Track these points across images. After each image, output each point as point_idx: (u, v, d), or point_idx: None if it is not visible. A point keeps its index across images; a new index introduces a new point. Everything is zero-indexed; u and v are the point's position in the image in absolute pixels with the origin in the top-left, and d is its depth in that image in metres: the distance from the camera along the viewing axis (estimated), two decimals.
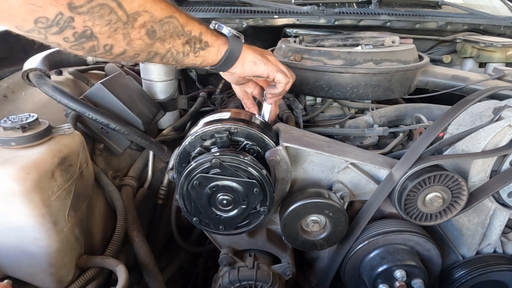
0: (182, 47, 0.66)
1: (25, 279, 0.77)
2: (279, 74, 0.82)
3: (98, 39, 0.55)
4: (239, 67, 0.76)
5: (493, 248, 0.89)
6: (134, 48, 0.59)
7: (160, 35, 0.61)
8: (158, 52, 0.63)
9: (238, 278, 0.86)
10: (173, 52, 0.65)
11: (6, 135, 0.73)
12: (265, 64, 0.79)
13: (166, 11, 0.61)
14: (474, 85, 1.14)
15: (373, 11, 1.64)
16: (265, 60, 0.80)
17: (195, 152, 0.80)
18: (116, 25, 0.55)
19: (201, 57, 0.70)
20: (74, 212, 0.81)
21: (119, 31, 0.56)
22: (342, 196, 0.82)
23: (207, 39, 0.69)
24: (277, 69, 0.82)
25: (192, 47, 0.67)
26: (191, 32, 0.66)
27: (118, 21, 0.55)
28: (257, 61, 0.78)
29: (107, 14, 0.54)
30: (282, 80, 0.83)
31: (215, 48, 0.71)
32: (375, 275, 0.83)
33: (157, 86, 1.27)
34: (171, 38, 0.63)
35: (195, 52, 0.68)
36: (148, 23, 0.59)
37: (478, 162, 0.80)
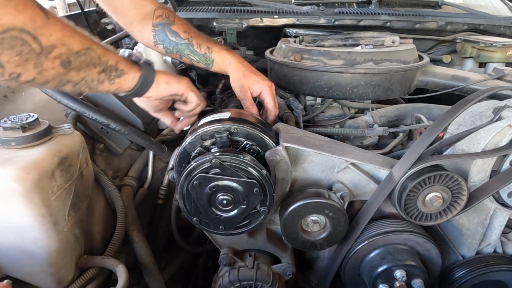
0: (97, 75, 0.67)
1: (25, 279, 0.77)
2: (192, 94, 0.86)
3: (4, 67, 0.53)
4: (154, 89, 0.79)
5: (493, 248, 0.89)
6: (45, 77, 0.58)
7: (76, 65, 0.61)
8: (71, 80, 0.63)
9: (238, 278, 0.86)
10: (87, 80, 0.65)
11: (6, 135, 0.73)
12: (178, 83, 0.83)
13: (84, 44, 0.62)
14: (474, 85, 1.14)
15: (373, 11, 1.64)
16: (178, 80, 0.84)
17: (195, 152, 0.80)
18: (28, 56, 0.54)
19: (117, 84, 0.71)
20: (74, 212, 0.81)
21: (30, 61, 0.55)
22: (342, 196, 0.82)
23: (123, 67, 0.71)
24: (191, 88, 0.86)
25: (108, 75, 0.69)
26: (107, 62, 0.68)
27: (31, 52, 0.54)
28: (170, 81, 0.81)
29: (19, 45, 0.52)
30: (194, 100, 0.87)
31: (130, 75, 0.74)
32: (375, 275, 0.83)
33: None
34: (86, 67, 0.64)
35: (111, 80, 0.70)
36: (64, 54, 0.59)
37: (478, 162, 0.80)
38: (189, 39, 0.97)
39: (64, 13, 2.85)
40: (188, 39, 0.97)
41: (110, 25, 1.76)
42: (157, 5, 0.98)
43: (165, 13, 0.97)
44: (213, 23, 1.54)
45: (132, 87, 0.75)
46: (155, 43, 0.99)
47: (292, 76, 1.17)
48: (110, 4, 0.97)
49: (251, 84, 0.95)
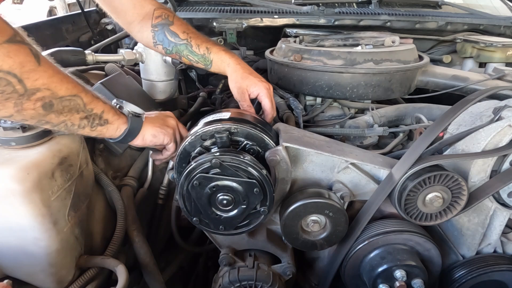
0: (78, 121, 0.67)
1: (25, 279, 0.77)
2: (172, 144, 0.87)
3: None
4: (139, 140, 0.80)
5: (493, 248, 0.89)
6: (23, 115, 0.59)
7: (58, 109, 0.62)
8: (50, 121, 0.63)
9: (238, 278, 0.86)
10: (68, 123, 0.66)
11: (6, 135, 0.73)
12: (164, 135, 0.84)
13: (71, 91, 0.63)
14: (474, 85, 1.14)
15: (373, 11, 1.64)
16: (165, 131, 0.84)
17: (195, 152, 0.80)
18: (10, 95, 0.56)
19: (98, 132, 0.72)
20: (74, 212, 0.81)
21: (10, 100, 0.56)
22: (342, 196, 0.82)
23: (108, 117, 0.72)
24: (171, 138, 0.86)
25: (90, 122, 0.69)
26: (92, 110, 0.68)
27: (13, 93, 0.56)
28: (156, 133, 0.82)
29: (2, 85, 0.54)
30: (171, 149, 0.88)
31: (114, 125, 0.74)
32: (375, 275, 0.83)
33: (157, 86, 1.27)
34: (69, 112, 0.64)
35: (92, 127, 0.70)
36: (47, 97, 0.60)
37: (478, 162, 0.80)
38: (188, 39, 0.97)
39: (64, 13, 2.85)
40: (187, 40, 0.97)
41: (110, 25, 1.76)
42: (157, 5, 0.98)
43: (164, 14, 0.97)
44: (213, 23, 1.54)
45: (116, 137, 0.76)
46: (154, 44, 0.99)
47: (292, 76, 1.17)
48: (109, 5, 0.97)
49: (249, 86, 0.95)
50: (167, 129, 0.85)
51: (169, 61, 1.23)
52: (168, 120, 0.88)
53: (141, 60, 1.23)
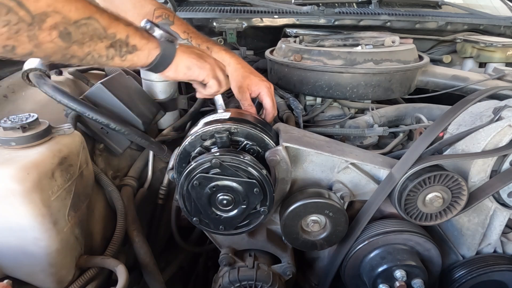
0: (105, 51, 0.60)
1: (25, 279, 0.77)
2: (213, 81, 0.81)
3: None
4: (172, 71, 0.73)
5: (493, 248, 0.89)
6: (43, 50, 0.54)
7: (77, 38, 0.55)
8: (75, 55, 0.57)
9: (238, 278, 0.86)
10: (94, 55, 0.59)
11: (6, 135, 0.73)
12: (200, 69, 0.77)
13: (83, 12, 0.55)
14: (474, 85, 1.14)
15: (373, 11, 1.64)
16: (201, 64, 0.77)
17: (195, 152, 0.80)
18: (18, 26, 0.50)
19: (129, 61, 0.65)
20: (74, 212, 0.81)
21: (22, 33, 0.50)
22: (342, 196, 0.82)
23: (135, 42, 0.64)
24: (212, 74, 0.80)
25: (118, 51, 0.62)
26: (115, 35, 0.60)
27: (20, 22, 0.49)
28: (191, 65, 0.75)
29: (4, 14, 0.48)
30: (213, 87, 0.82)
31: (144, 52, 0.67)
32: (375, 275, 0.83)
33: (157, 86, 1.26)
34: (91, 41, 0.57)
35: (122, 56, 0.63)
36: (60, 24, 0.53)
37: (478, 162, 0.80)
38: (188, 39, 0.97)
39: None
40: (187, 40, 0.97)
41: None
42: (157, 5, 0.98)
43: (164, 13, 0.97)
44: (213, 23, 1.54)
45: (147, 64, 0.69)
46: None
47: (292, 76, 1.17)
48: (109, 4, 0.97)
49: (250, 85, 0.95)
50: (204, 63, 0.77)
51: None
52: (205, 55, 0.81)
53: None
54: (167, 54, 0.70)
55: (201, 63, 0.77)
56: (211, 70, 0.79)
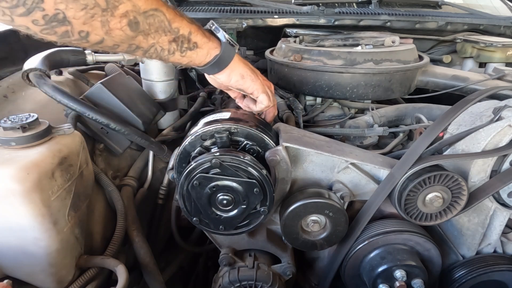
0: (168, 45, 0.62)
1: (25, 279, 0.77)
2: (264, 95, 0.81)
3: (72, 24, 0.51)
4: (225, 75, 0.74)
5: (493, 248, 0.89)
6: (113, 38, 0.55)
7: (144, 28, 0.57)
8: (140, 46, 0.59)
9: (238, 278, 0.86)
10: (157, 48, 0.61)
11: (6, 135, 0.73)
12: (252, 81, 0.78)
13: (151, 3, 0.57)
14: (474, 85, 1.14)
15: (373, 11, 1.64)
16: (254, 77, 0.78)
17: (195, 152, 0.80)
18: (93, 11, 0.51)
19: (188, 58, 0.67)
20: (74, 212, 0.81)
21: (96, 18, 0.52)
22: (342, 196, 0.82)
23: (196, 39, 0.66)
24: (263, 89, 0.81)
25: (179, 46, 0.64)
26: (179, 30, 0.62)
27: (96, 7, 0.51)
28: (245, 75, 0.76)
29: None
30: (264, 102, 0.83)
31: (204, 50, 0.69)
32: (375, 275, 0.83)
33: (157, 86, 1.27)
34: (156, 33, 0.59)
35: (182, 52, 0.65)
36: (130, 12, 0.55)
37: (478, 162, 0.80)
38: None
39: None
40: None
41: None
42: None
43: None
44: None
45: (204, 63, 0.70)
46: None
47: (292, 76, 1.17)
48: None
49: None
50: (256, 77, 0.78)
51: None
52: (257, 71, 0.81)
53: (141, 60, 1.23)
54: (225, 57, 0.71)
55: (254, 76, 0.78)
56: (262, 85, 0.80)
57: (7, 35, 1.14)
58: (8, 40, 1.16)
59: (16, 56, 1.15)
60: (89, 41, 0.55)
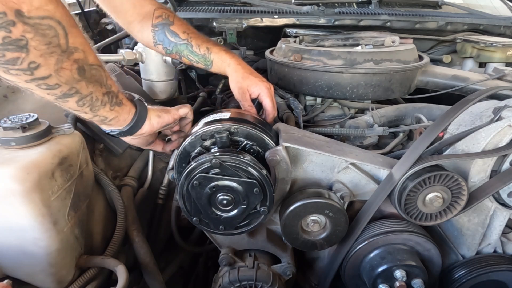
0: (102, 96, 0.67)
1: (25, 279, 0.77)
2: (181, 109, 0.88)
3: (29, 52, 0.53)
4: (147, 125, 0.79)
5: (493, 248, 0.89)
6: (60, 77, 0.58)
7: (88, 76, 0.63)
8: (80, 91, 0.63)
9: (238, 278, 0.86)
10: (93, 97, 0.66)
11: (6, 135, 0.73)
12: (167, 113, 0.84)
13: (97, 60, 0.65)
14: (474, 85, 1.14)
15: (373, 11, 1.64)
16: (166, 110, 0.85)
17: (195, 152, 0.80)
18: (54, 49, 0.55)
19: (115, 112, 0.72)
20: (74, 212, 0.81)
21: (54, 56, 0.56)
22: (342, 196, 0.82)
23: (122, 97, 0.73)
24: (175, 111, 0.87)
25: (110, 99, 0.69)
26: (111, 86, 0.69)
27: (57, 47, 0.55)
28: (160, 114, 0.82)
29: (51, 36, 0.54)
30: (186, 110, 0.89)
31: (127, 107, 0.74)
32: (375, 275, 0.83)
33: (157, 86, 1.27)
34: (96, 82, 0.65)
35: (112, 105, 0.70)
36: (81, 61, 0.60)
37: (478, 162, 0.80)
38: (188, 39, 0.97)
39: None
40: (187, 40, 0.97)
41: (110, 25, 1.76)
42: (157, 5, 0.98)
43: (164, 14, 0.97)
44: (213, 23, 1.54)
45: (128, 122, 0.76)
46: (154, 44, 0.99)
47: (292, 76, 1.17)
48: (109, 4, 0.97)
49: (250, 86, 0.95)
50: (167, 110, 0.86)
51: (169, 61, 1.23)
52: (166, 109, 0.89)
53: (141, 60, 1.23)
54: (142, 111, 0.78)
55: (165, 110, 0.85)
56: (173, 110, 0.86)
57: None
58: None
59: None
60: (34, 74, 0.56)
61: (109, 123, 0.73)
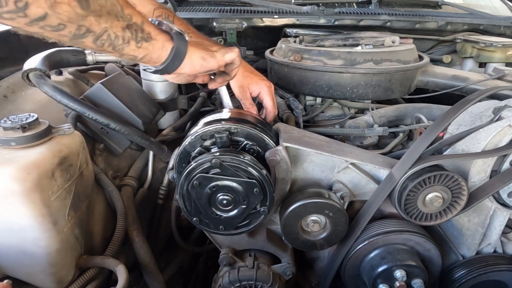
0: (121, 32, 0.56)
1: (25, 279, 0.77)
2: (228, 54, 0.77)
3: None
4: (188, 66, 0.70)
5: (493, 248, 0.89)
6: (59, 15, 0.48)
7: (95, 9, 0.51)
8: (91, 29, 0.53)
9: (238, 278, 0.86)
10: (111, 34, 0.55)
11: (6, 135, 0.73)
12: (212, 57, 0.74)
13: None
14: (474, 85, 1.14)
15: (373, 11, 1.64)
16: (211, 53, 0.75)
17: (195, 152, 0.80)
18: None
19: (144, 50, 0.61)
20: (74, 212, 0.81)
21: None
22: (342, 196, 0.82)
23: (150, 30, 0.62)
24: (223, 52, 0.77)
25: (134, 34, 0.58)
26: (131, 17, 0.57)
27: None
28: (205, 56, 0.73)
29: None
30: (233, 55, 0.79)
31: (159, 43, 0.64)
32: (375, 275, 0.83)
33: (157, 86, 1.27)
34: (108, 15, 0.53)
35: (138, 42, 0.59)
36: None
37: (478, 162, 0.80)
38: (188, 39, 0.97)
39: None
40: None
41: None
42: (157, 5, 0.98)
43: (164, 13, 0.97)
44: (213, 23, 1.54)
45: (163, 59, 0.65)
46: None
47: (292, 76, 1.17)
48: None
49: (250, 84, 0.95)
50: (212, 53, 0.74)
51: None
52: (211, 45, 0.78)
53: None
54: (181, 47, 0.67)
55: (210, 52, 0.74)
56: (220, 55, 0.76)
57: (7, 35, 1.14)
58: (8, 40, 1.16)
59: (16, 56, 1.15)
60: (28, 15, 0.47)
61: (141, 61, 0.64)
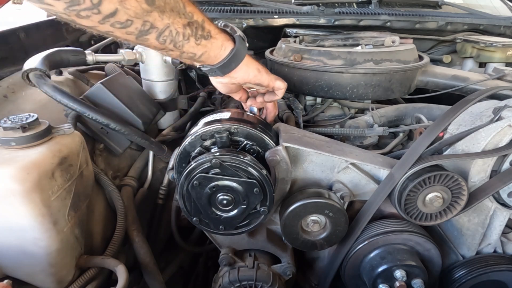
0: (182, 29, 0.58)
1: (25, 279, 0.77)
2: (278, 82, 0.82)
3: None
4: (242, 71, 0.71)
5: (493, 248, 0.89)
6: (127, 10, 0.52)
7: (159, 4, 0.54)
8: (155, 25, 0.55)
9: (238, 278, 0.86)
10: (172, 30, 0.57)
11: (6, 135, 0.73)
12: (267, 73, 0.77)
13: None
14: (474, 85, 1.14)
15: (373, 11, 1.64)
16: (267, 70, 0.78)
17: (195, 152, 0.80)
18: None
19: (203, 47, 0.63)
20: (74, 212, 0.81)
21: None
22: (342, 196, 0.82)
23: (210, 28, 0.63)
24: (275, 77, 0.81)
25: (194, 32, 0.60)
26: (193, 15, 0.59)
27: None
28: (261, 69, 0.75)
29: None
30: (281, 86, 0.83)
31: (218, 42, 0.65)
32: (375, 275, 0.83)
33: (157, 86, 1.27)
34: (171, 12, 0.56)
35: (197, 39, 0.61)
36: None
37: (478, 162, 0.80)
38: None
39: None
40: None
41: None
42: None
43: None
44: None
45: (220, 59, 0.66)
46: None
47: (292, 76, 1.17)
48: None
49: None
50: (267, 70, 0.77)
51: (169, 61, 1.23)
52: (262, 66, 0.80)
53: (141, 60, 1.23)
54: (241, 50, 0.68)
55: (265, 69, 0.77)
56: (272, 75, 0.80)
57: (7, 35, 1.14)
58: (8, 40, 1.16)
59: (16, 56, 1.15)
60: (101, 12, 0.50)
61: (199, 60, 0.65)
